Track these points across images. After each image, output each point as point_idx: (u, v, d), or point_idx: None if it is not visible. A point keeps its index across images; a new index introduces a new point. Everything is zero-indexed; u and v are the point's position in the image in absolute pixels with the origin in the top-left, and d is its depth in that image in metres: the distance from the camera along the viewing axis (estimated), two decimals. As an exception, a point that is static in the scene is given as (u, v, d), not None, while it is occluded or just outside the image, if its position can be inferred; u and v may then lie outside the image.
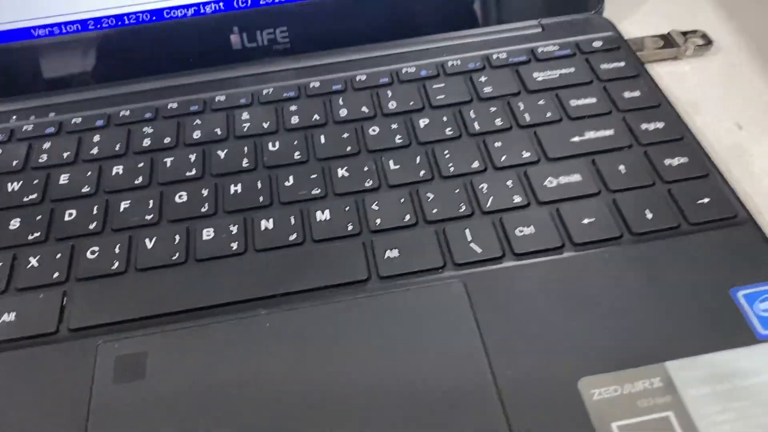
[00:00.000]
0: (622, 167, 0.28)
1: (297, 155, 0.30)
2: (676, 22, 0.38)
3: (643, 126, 0.30)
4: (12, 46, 0.33)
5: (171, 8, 0.34)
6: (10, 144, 0.32)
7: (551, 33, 0.35)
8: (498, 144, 0.30)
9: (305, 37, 0.35)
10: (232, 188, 0.29)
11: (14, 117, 0.33)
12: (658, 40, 0.36)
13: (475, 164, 0.29)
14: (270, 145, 0.31)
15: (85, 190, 0.29)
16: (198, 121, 0.32)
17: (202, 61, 0.35)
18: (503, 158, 0.29)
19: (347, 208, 0.28)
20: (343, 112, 0.32)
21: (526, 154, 0.29)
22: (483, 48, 0.35)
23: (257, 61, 0.35)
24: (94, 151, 0.31)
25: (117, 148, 0.31)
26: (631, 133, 0.30)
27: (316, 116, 0.32)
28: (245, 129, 0.32)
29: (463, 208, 0.27)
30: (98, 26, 0.33)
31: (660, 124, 0.30)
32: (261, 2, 0.34)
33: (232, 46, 0.35)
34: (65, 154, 0.31)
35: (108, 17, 0.33)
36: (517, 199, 0.27)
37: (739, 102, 0.33)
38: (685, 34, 0.36)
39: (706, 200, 0.27)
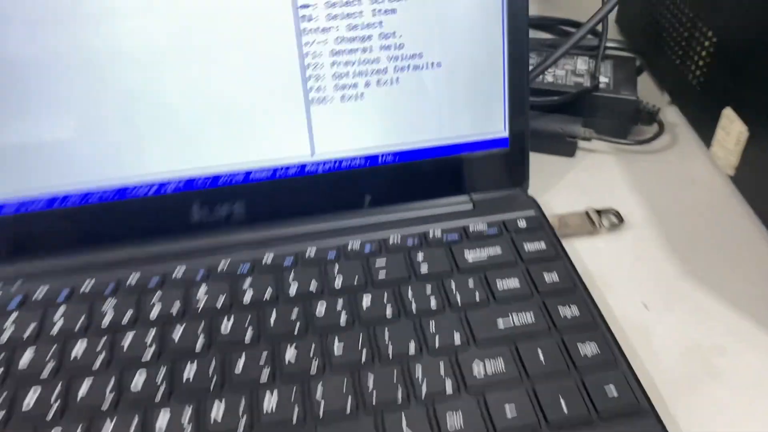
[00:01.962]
0: (540, 354, 0.32)
1: (249, 335, 0.33)
2: (592, 195, 0.43)
3: (560, 310, 0.34)
4: (-19, 221, 0.35)
5: (134, 187, 0.36)
6: (-27, 317, 0.34)
7: (481, 209, 0.40)
8: (432, 326, 0.33)
9: (261, 211, 0.38)
10: (185, 373, 0.31)
11: (-22, 288, 0.35)
12: (575, 218, 0.40)
13: (412, 347, 0.32)
14: (223, 324, 0.33)
15: (46, 371, 0.31)
16: (157, 297, 0.34)
17: (163, 233, 0.37)
18: (437, 341, 0.32)
19: (293, 394, 0.30)
20: (293, 289, 0.35)
21: (457, 338, 0.32)
22: (421, 224, 0.39)
23: (216, 231, 0.38)
24: (56, 328, 0.33)
25: (78, 325, 0.33)
26: (549, 317, 0.33)
27: (268, 292, 0.35)
28: (200, 306, 0.34)
29: (401, 394, 0.30)
30: (63, 204, 0.36)
31: (575, 309, 0.34)
32: (219, 182, 0.37)
33: (191, 219, 0.38)
34: (28, 330, 0.33)
35: (73, 195, 0.36)
36: (449, 386, 0.30)
37: (647, 280, 0.38)
38: (600, 212, 0.40)
39: (614, 391, 0.30)
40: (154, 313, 0.34)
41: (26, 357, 0.32)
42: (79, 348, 0.32)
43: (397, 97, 0.38)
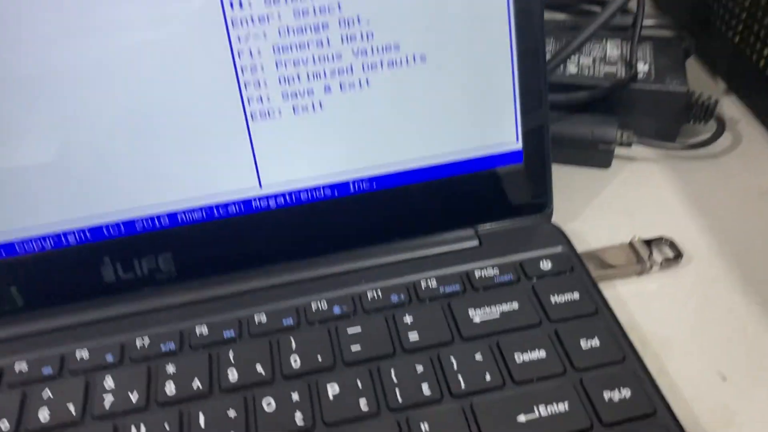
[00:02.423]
0: (581, 466, 0.22)
1: (166, 449, 0.23)
2: (636, 218, 0.33)
3: (606, 395, 0.24)
4: None
5: (23, 241, 0.27)
6: None
7: (490, 247, 0.30)
8: (425, 427, 0.23)
9: (195, 262, 0.29)
10: None
11: None
12: (617, 253, 0.30)
13: (395, 462, 0.22)
14: (133, 431, 0.24)
15: None
16: (48, 393, 0.25)
17: (66, 298, 0.28)
18: (431, 451, 0.23)
19: None
20: (233, 375, 0.25)
21: (459, 444, 0.23)
22: (410, 271, 0.29)
23: (135, 294, 0.29)
24: None
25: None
26: (591, 406, 0.24)
27: (197, 383, 0.25)
28: (106, 406, 0.25)
29: None
30: (-71, 268, 0.27)
31: (626, 392, 0.24)
32: (137, 228, 0.28)
33: (103, 279, 0.28)
34: None
35: (-59, 257, 0.27)
36: None
37: (721, 337, 0.27)
38: (650, 243, 0.30)
39: None
40: (41, 420, 0.24)
41: None
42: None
43: (368, 104, 0.28)
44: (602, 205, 0.34)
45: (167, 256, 0.29)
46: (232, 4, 0.26)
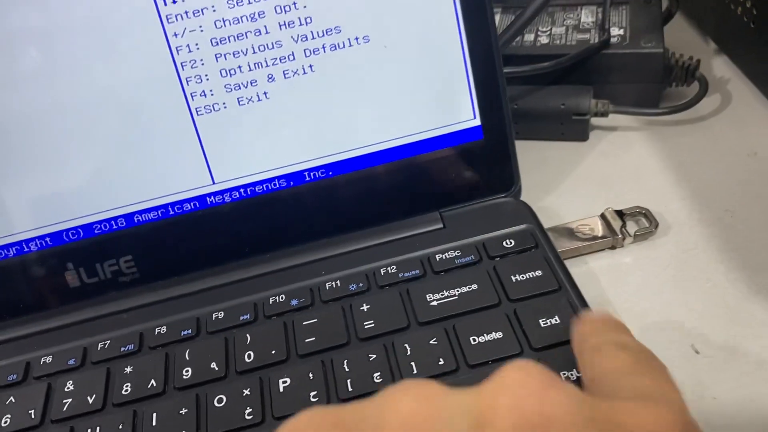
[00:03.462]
0: (531, 451, 0.21)
1: (118, 449, 0.23)
2: (616, 190, 0.31)
3: (563, 375, 0.23)
4: None
5: (-14, 251, 0.28)
6: None
7: (453, 230, 0.29)
8: (373, 415, 0.23)
9: (155, 263, 0.29)
10: None
11: None
12: (588, 226, 0.29)
13: (341, 453, 0.22)
14: (88, 433, 0.24)
15: None
16: (12, 398, 0.26)
17: (33, 307, 0.29)
18: (377, 440, 0.22)
19: None
20: (187, 373, 0.25)
21: (407, 433, 0.22)
22: (370, 259, 0.28)
23: (101, 297, 0.29)
24: None
25: None
26: (546, 387, 0.22)
27: (152, 382, 0.25)
28: (65, 408, 0.25)
29: None
30: None
31: (584, 371, 0.23)
32: (95, 230, 0.28)
33: (68, 285, 0.29)
34: None
35: None
36: None
37: (696, 310, 0.26)
38: (622, 214, 0.29)
39: None
40: (2, 425, 0.25)
41: None
42: None
43: (314, 90, 0.28)
44: (579, 179, 0.32)
45: (128, 257, 0.29)
46: (165, 1, 0.26)
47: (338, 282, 0.27)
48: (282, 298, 0.27)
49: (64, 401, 0.25)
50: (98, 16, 0.26)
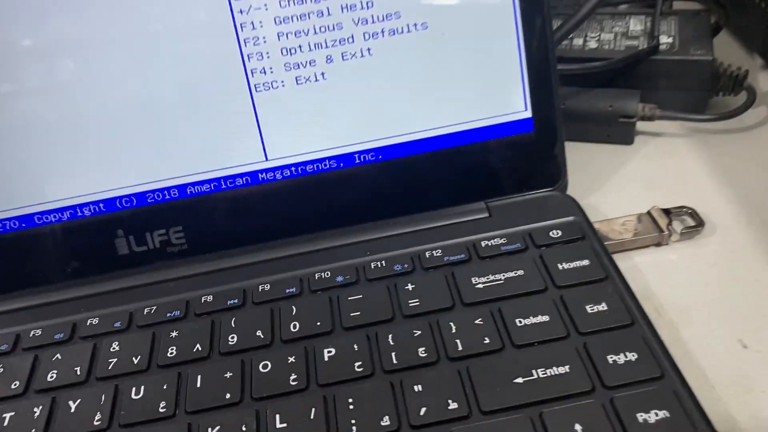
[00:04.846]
0: (578, 428, 0.21)
1: (162, 408, 0.23)
2: (661, 192, 0.31)
3: (610, 359, 0.23)
4: None
5: (42, 213, 0.28)
6: None
7: (499, 219, 0.29)
8: (418, 388, 0.23)
9: (204, 236, 0.29)
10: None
11: None
12: (634, 222, 0.29)
13: (386, 422, 0.22)
14: (134, 391, 0.24)
15: None
16: (58, 356, 0.26)
17: (81, 271, 0.29)
18: (423, 412, 0.22)
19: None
20: (232, 339, 0.25)
21: (452, 405, 0.22)
22: (415, 243, 0.28)
23: (148, 266, 0.29)
24: None
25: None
26: (595, 370, 0.22)
27: (198, 346, 0.25)
28: (110, 367, 0.25)
29: (359, 498, 0.20)
30: (-47, 239, 0.28)
31: (632, 356, 0.22)
32: (149, 200, 0.29)
33: (117, 252, 0.29)
34: None
35: (-35, 228, 0.28)
36: (435, 483, 0.20)
37: (742, 305, 0.26)
38: (669, 212, 0.29)
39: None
40: (49, 380, 0.25)
41: None
42: (-59, 431, 0.24)
43: (371, 74, 0.28)
44: (623, 181, 0.33)
45: (177, 228, 0.29)
46: (233, -22, 0.27)
47: (383, 262, 0.28)
48: (327, 274, 0.28)
49: (109, 361, 0.26)
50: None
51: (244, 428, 0.22)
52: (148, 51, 0.27)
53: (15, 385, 0.25)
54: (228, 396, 0.23)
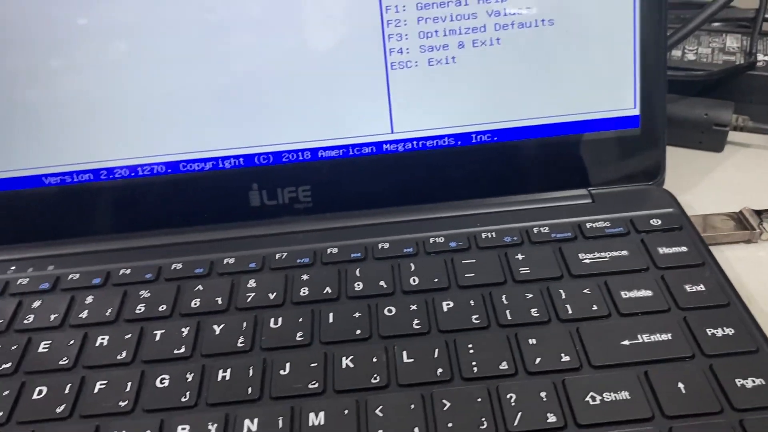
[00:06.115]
0: (681, 386, 0.23)
1: (299, 336, 0.26)
2: (747, 196, 0.33)
3: (709, 331, 0.25)
4: (21, 193, 0.32)
5: (188, 161, 0.32)
6: (2, 299, 0.30)
7: (602, 205, 0.31)
8: (532, 341, 0.25)
9: (329, 196, 0.32)
10: (220, 374, 0.25)
11: (12, 268, 0.31)
12: (726, 220, 0.31)
13: (504, 366, 0.24)
14: (272, 321, 0.27)
15: (63, 362, 0.26)
16: (200, 287, 0.29)
17: (215, 218, 0.32)
18: (538, 361, 0.25)
19: (346, 412, 0.23)
20: (359, 286, 0.28)
21: (565, 358, 0.25)
22: (523, 219, 0.31)
23: (275, 219, 0.32)
24: (83, 314, 0.28)
25: (107, 314, 0.28)
26: (694, 339, 0.25)
27: (327, 289, 0.28)
28: (248, 300, 0.28)
29: (485, 425, 0.23)
30: (111, 176, 0.32)
31: (729, 331, 0.25)
32: (283, 159, 0.32)
33: (249, 203, 0.32)
34: (52, 317, 0.28)
35: (122, 167, 0.31)
36: (552, 419, 0.23)
37: (830, 302, 0.28)
38: (760, 213, 0.31)
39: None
40: (192, 306, 0.28)
41: (43, 345, 0.27)
42: (102, 340, 0.27)
43: (497, 62, 0.31)
44: (712, 184, 0.35)
45: (306, 187, 0.32)
46: (384, -37, 0.30)
47: (494, 233, 0.30)
48: (441, 239, 0.30)
49: (247, 295, 0.29)
50: (325, -29, 0.30)
51: (374, 359, 0.25)
52: (300, 27, 0.30)
53: (162, 308, 0.28)
54: (358, 332, 0.26)
